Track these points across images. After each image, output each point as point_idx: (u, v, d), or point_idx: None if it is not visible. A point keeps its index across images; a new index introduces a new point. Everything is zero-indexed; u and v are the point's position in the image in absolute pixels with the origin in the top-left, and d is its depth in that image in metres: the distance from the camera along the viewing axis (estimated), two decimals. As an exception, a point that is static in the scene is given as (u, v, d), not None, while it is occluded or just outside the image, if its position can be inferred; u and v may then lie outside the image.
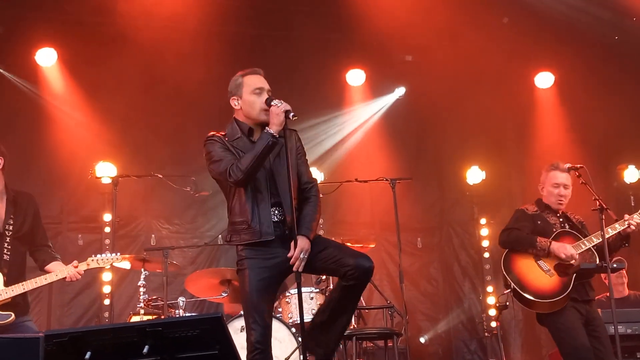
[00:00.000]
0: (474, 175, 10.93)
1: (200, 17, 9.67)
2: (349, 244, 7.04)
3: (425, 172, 11.25)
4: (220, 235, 9.16)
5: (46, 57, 9.74)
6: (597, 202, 6.27)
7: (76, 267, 6.23)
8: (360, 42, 10.51)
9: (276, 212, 4.91)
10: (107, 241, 9.48)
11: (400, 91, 11.17)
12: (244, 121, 5.09)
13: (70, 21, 9.64)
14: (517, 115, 11.33)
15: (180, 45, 9.69)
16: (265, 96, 5.01)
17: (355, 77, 10.86)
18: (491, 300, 10.62)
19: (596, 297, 7.16)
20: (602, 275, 8.28)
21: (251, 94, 5.04)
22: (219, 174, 4.95)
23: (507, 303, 8.18)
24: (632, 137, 10.92)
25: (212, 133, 5.09)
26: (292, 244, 4.80)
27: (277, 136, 4.82)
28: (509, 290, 6.62)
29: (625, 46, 10.57)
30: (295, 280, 4.94)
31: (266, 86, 5.08)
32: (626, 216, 6.59)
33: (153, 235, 10.18)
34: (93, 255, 6.43)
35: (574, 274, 6.41)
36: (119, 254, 6.55)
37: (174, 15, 9.52)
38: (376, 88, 11.13)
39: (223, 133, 5.10)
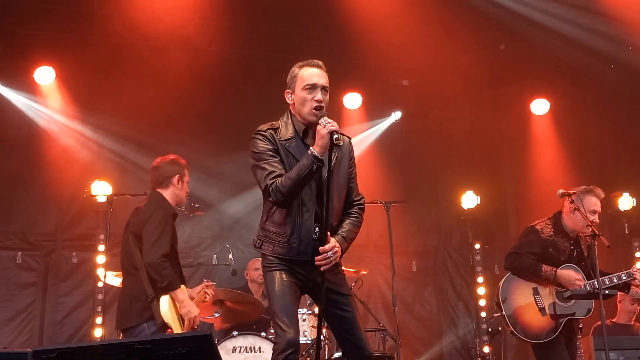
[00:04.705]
0: (469, 200, 10.93)
1: (200, 38, 9.73)
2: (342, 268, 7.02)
3: (421, 196, 11.27)
4: (214, 255, 9.14)
5: (44, 75, 9.76)
6: (590, 228, 6.27)
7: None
8: (357, 66, 10.57)
9: (317, 229, 4.64)
10: (101, 259, 9.46)
11: (396, 115, 11.21)
12: (298, 118, 4.79)
13: (68, 39, 9.65)
14: (513, 141, 11.37)
15: (180, 66, 9.72)
16: (317, 94, 4.71)
17: (352, 100, 10.89)
18: (485, 325, 10.58)
19: (597, 324, 7.19)
20: (618, 299, 8.33)
21: (303, 89, 4.73)
22: (259, 185, 4.67)
23: (500, 328, 8.18)
24: (627, 165, 10.98)
25: (264, 127, 4.76)
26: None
27: (322, 158, 4.48)
28: (499, 314, 6.65)
29: (620, 74, 10.62)
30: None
31: (321, 82, 4.77)
32: (635, 267, 6.60)
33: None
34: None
35: (564, 320, 6.43)
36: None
37: (173, 35, 9.55)
38: (373, 112, 11.16)
39: (276, 126, 4.77)
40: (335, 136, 4.47)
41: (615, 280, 6.51)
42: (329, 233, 4.60)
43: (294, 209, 4.64)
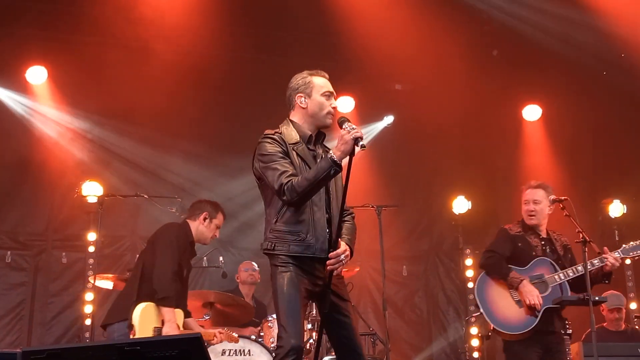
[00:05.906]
0: (460, 205, 10.94)
1: (194, 39, 9.71)
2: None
3: (412, 200, 11.28)
4: (205, 257, 9.11)
5: (36, 75, 9.74)
6: (580, 234, 6.28)
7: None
8: (350, 69, 10.55)
9: (327, 229, 4.71)
10: (91, 260, 9.43)
11: (388, 119, 11.23)
12: (302, 124, 4.88)
13: (61, 39, 9.65)
14: (505, 147, 11.38)
15: (172, 67, 9.69)
16: (334, 101, 4.91)
17: (345, 104, 10.89)
18: (474, 330, 10.59)
19: (589, 331, 7.16)
20: (602, 307, 8.37)
21: (321, 95, 4.88)
22: (272, 186, 4.65)
23: (490, 333, 8.17)
24: (618, 172, 11.00)
25: (270, 131, 4.82)
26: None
27: (341, 163, 4.52)
28: (478, 313, 6.70)
29: (613, 81, 10.65)
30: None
31: (334, 91, 4.98)
32: (606, 249, 6.62)
33: (137, 256, 10.12)
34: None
35: (542, 310, 6.43)
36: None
37: (166, 36, 9.54)
38: (365, 115, 11.16)
39: (279, 132, 4.83)
40: (361, 143, 4.50)
41: (589, 267, 6.51)
42: (340, 239, 4.65)
43: (307, 208, 4.66)
